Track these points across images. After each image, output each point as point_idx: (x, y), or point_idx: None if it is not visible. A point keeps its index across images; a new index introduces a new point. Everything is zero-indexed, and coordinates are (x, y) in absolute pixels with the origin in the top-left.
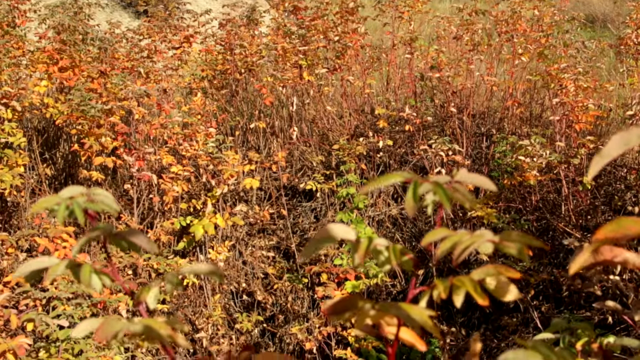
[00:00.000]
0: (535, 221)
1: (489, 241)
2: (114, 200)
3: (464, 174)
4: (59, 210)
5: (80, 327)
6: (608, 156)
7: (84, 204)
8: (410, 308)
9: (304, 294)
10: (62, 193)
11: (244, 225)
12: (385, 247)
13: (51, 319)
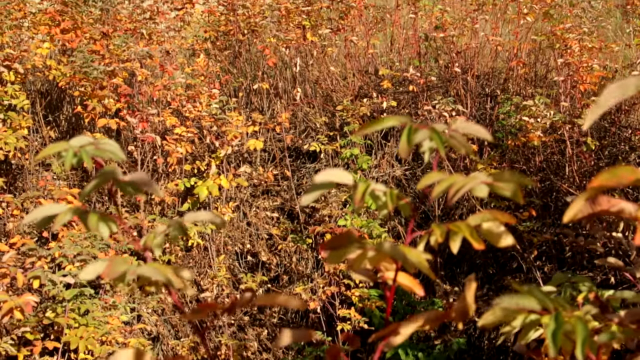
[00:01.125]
0: (539, 182)
1: (483, 183)
2: (120, 150)
3: (461, 123)
4: (66, 156)
5: (88, 269)
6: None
7: (92, 151)
8: (408, 250)
9: (308, 255)
10: (71, 141)
11: (248, 186)
12: (383, 192)
13: (57, 277)
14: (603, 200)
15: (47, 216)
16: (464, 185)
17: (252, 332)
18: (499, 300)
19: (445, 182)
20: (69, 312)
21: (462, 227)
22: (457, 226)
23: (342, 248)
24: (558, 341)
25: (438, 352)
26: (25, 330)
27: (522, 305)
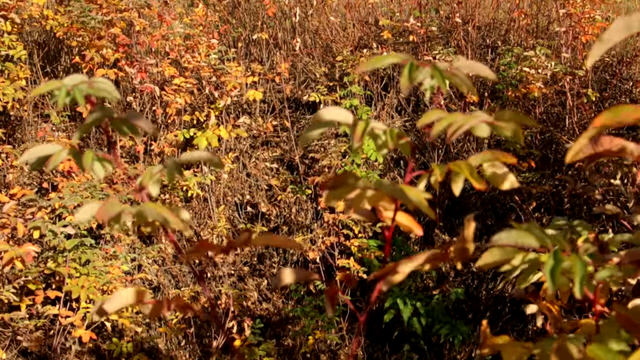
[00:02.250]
0: (539, 134)
1: (483, 122)
2: (114, 88)
3: (463, 62)
4: (59, 95)
5: (82, 211)
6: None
7: (85, 89)
8: (407, 188)
9: (308, 206)
10: (64, 80)
11: (247, 137)
12: (383, 130)
13: (57, 227)
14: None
15: (42, 156)
16: (464, 124)
17: (252, 282)
18: (497, 237)
19: (445, 121)
20: (69, 262)
21: (462, 167)
22: (458, 166)
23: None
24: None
25: (436, 302)
26: (27, 279)
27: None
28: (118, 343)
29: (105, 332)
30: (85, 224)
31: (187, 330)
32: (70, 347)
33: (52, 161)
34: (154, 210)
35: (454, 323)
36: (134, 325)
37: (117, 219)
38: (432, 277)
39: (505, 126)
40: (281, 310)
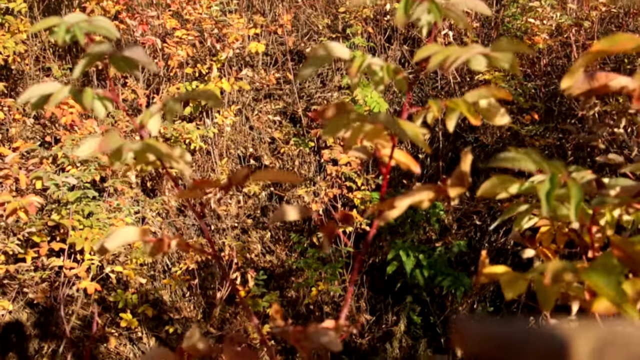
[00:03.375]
0: (543, 87)
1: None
2: (114, 27)
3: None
4: (59, 31)
5: (83, 146)
6: None
7: (85, 26)
8: (404, 123)
9: (311, 159)
10: (64, 17)
11: (250, 90)
12: (380, 66)
13: (59, 178)
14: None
15: (43, 95)
16: (460, 55)
17: (255, 234)
18: (495, 161)
19: (441, 54)
20: (73, 215)
21: (459, 103)
22: (454, 102)
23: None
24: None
25: (439, 255)
26: (31, 232)
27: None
28: (123, 294)
29: (110, 284)
30: (87, 176)
31: (191, 282)
32: (76, 298)
33: (53, 99)
34: (154, 147)
35: (456, 275)
36: (138, 277)
37: (118, 155)
38: (434, 230)
39: (501, 57)
40: (284, 263)
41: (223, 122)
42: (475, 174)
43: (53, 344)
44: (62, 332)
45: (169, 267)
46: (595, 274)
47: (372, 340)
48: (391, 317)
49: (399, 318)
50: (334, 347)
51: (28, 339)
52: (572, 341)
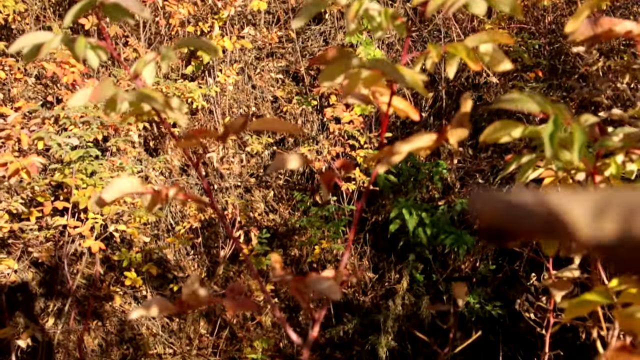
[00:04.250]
0: (547, 44)
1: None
2: None
3: None
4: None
5: (77, 96)
6: None
7: None
8: (403, 68)
9: (314, 117)
10: None
11: (252, 48)
12: (378, 11)
13: (60, 138)
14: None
15: (36, 44)
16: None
17: (258, 193)
18: (499, 102)
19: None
20: (76, 174)
21: (459, 48)
22: (454, 47)
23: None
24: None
25: (441, 213)
26: (34, 189)
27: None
28: (127, 253)
29: (114, 243)
30: (89, 135)
31: (195, 240)
32: (81, 257)
33: (45, 48)
34: (150, 95)
35: (459, 233)
36: (142, 235)
37: (112, 105)
38: (437, 189)
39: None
40: (288, 221)
41: (225, 81)
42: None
43: (59, 302)
44: (68, 290)
45: (173, 226)
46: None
47: (375, 298)
48: (394, 275)
49: (402, 276)
50: (333, 295)
51: (34, 298)
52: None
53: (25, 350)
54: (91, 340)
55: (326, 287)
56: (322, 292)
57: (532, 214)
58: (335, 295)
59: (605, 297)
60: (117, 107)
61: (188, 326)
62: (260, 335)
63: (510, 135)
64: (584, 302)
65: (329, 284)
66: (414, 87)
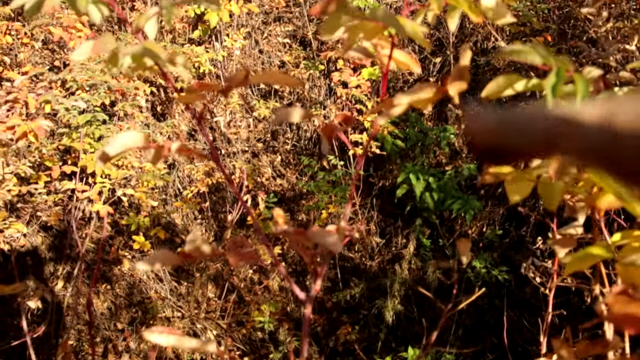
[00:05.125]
0: (556, 9)
1: None
2: None
3: None
4: None
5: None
6: None
7: None
8: (404, 20)
9: (321, 82)
10: None
11: (259, 13)
12: None
13: (68, 101)
14: None
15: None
16: None
17: (265, 158)
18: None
19: None
20: (84, 138)
21: (460, 0)
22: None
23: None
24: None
25: (449, 178)
26: (42, 155)
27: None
28: (135, 218)
29: (122, 208)
30: (97, 99)
31: (203, 204)
32: (89, 221)
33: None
34: (153, 50)
35: (466, 198)
36: (150, 200)
37: (114, 60)
38: (444, 154)
39: None
40: (295, 186)
41: (232, 46)
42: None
43: (67, 266)
44: (77, 254)
45: (180, 191)
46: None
47: (382, 262)
48: (401, 240)
49: (408, 241)
50: (335, 248)
51: (43, 262)
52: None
53: (36, 313)
54: (100, 304)
55: (328, 240)
56: (324, 245)
57: (531, 125)
58: (337, 249)
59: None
60: (120, 62)
61: (196, 290)
62: (267, 299)
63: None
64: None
65: (330, 237)
66: (414, 38)
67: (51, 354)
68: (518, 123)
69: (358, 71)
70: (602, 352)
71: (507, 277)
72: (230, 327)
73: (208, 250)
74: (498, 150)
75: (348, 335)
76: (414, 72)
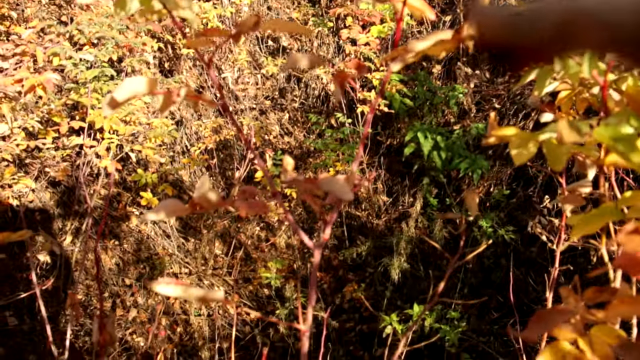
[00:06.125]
0: None
1: None
2: None
3: None
4: None
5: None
6: None
7: None
8: None
9: (330, 40)
10: None
11: None
12: None
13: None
14: None
15: None
16: None
17: (273, 116)
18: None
19: None
20: (92, 94)
21: None
22: None
23: None
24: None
25: (457, 137)
26: (50, 110)
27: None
28: (143, 174)
29: (130, 165)
30: (105, 54)
31: (210, 161)
32: (97, 177)
33: None
34: None
35: (474, 158)
36: (157, 156)
37: (122, 3)
38: (453, 113)
39: None
40: (302, 144)
41: (240, 2)
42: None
43: (76, 222)
44: (85, 210)
45: (188, 148)
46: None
47: (388, 221)
48: (408, 199)
49: (415, 200)
50: (345, 196)
51: (51, 217)
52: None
53: (45, 268)
54: (108, 259)
55: (338, 187)
56: (334, 192)
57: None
58: (347, 197)
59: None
60: (127, 7)
61: (203, 247)
62: (274, 256)
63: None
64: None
65: (340, 185)
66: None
67: (60, 307)
68: (528, 16)
69: (367, 29)
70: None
71: (513, 237)
72: (237, 283)
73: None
74: (509, 47)
75: (354, 293)
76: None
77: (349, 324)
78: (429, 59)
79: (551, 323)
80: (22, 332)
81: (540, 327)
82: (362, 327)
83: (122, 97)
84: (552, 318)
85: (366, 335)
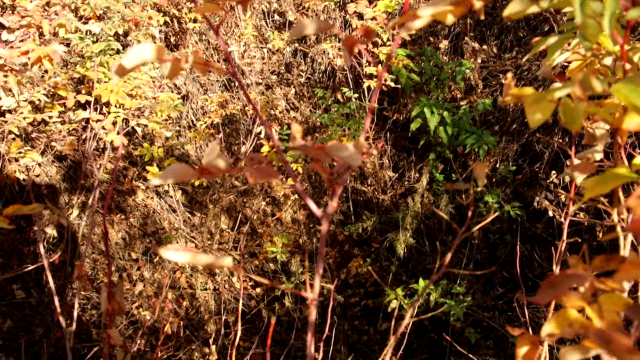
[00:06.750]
0: None
1: None
2: None
3: None
4: None
5: None
6: None
7: None
8: None
9: (336, 14)
10: None
11: None
12: None
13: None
14: None
15: None
16: None
17: (279, 91)
18: None
19: None
20: (98, 68)
21: None
22: None
23: None
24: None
25: (463, 112)
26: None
27: None
28: (149, 148)
29: (136, 139)
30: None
31: (216, 136)
32: (103, 152)
33: None
34: None
35: (480, 133)
36: (163, 130)
37: None
38: (460, 88)
39: None
40: (308, 119)
41: None
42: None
43: (82, 196)
44: (91, 184)
45: (194, 122)
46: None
47: (394, 196)
48: (413, 174)
49: (421, 175)
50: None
51: (58, 191)
52: None
53: (51, 241)
54: (115, 234)
55: (347, 153)
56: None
57: None
58: (356, 162)
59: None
60: None
61: (209, 221)
62: (279, 230)
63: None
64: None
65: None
66: None
67: (66, 281)
68: None
69: (374, 3)
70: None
71: (519, 213)
72: (243, 258)
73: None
74: None
75: (359, 268)
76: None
77: (354, 298)
78: (436, 34)
79: (562, 287)
80: (30, 305)
81: (551, 292)
82: (367, 302)
83: (130, 63)
84: (563, 282)
85: (371, 310)
